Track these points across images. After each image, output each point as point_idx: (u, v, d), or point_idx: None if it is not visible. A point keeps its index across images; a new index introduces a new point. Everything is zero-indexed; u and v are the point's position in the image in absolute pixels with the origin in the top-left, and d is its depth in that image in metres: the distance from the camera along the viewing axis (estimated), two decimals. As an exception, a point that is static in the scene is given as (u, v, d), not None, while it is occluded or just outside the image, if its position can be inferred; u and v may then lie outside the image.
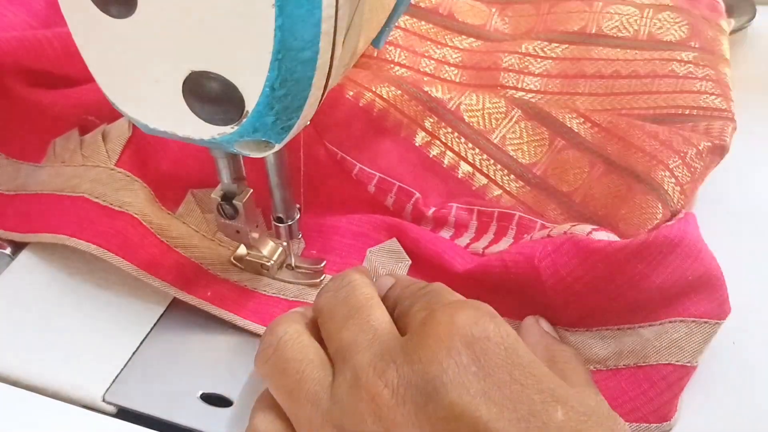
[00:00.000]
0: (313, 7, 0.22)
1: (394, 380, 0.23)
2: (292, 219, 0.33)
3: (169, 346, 0.34)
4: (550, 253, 0.31)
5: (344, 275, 0.29)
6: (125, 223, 0.35)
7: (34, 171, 0.40)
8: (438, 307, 0.25)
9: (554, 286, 0.31)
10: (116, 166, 0.37)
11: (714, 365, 0.31)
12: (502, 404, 0.22)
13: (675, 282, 0.30)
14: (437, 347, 0.23)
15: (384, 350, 0.24)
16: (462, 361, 0.23)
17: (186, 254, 0.35)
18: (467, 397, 0.22)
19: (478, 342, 0.23)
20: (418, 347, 0.24)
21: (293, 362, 0.26)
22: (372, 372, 0.24)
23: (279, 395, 0.26)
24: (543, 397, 0.23)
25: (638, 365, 0.30)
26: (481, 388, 0.22)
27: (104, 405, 0.31)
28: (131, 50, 0.24)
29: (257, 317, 0.34)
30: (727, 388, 0.31)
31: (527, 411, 0.22)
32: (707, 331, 0.30)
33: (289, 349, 0.26)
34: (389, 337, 0.25)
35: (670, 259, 0.30)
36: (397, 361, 0.24)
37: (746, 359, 0.32)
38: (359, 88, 0.38)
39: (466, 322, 0.24)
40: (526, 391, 0.23)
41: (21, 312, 0.35)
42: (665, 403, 0.29)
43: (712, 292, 0.30)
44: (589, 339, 0.31)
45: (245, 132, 0.24)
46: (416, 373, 0.23)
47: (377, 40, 0.31)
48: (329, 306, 0.28)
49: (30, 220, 0.37)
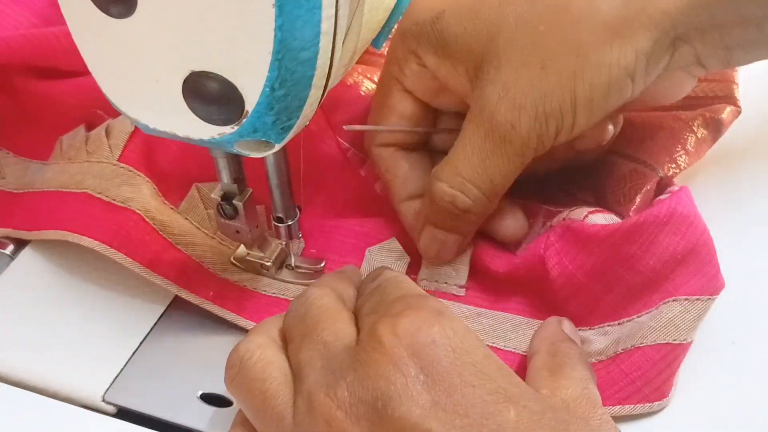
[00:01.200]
0: (313, 7, 0.22)
1: (346, 399, 0.23)
2: (292, 219, 0.33)
3: (169, 346, 0.34)
4: (554, 242, 0.32)
5: (303, 293, 0.28)
6: (128, 219, 0.35)
7: (41, 168, 0.40)
8: (382, 312, 0.25)
9: (558, 278, 0.31)
10: (119, 161, 0.37)
11: (707, 344, 0.31)
12: (454, 411, 0.22)
13: (667, 260, 0.30)
14: (383, 361, 0.23)
15: (335, 367, 0.24)
16: (409, 372, 0.22)
17: (188, 252, 0.35)
18: (417, 409, 0.22)
19: (423, 349, 0.23)
20: (365, 362, 0.23)
21: (256, 382, 0.26)
22: (324, 394, 0.23)
23: (248, 414, 0.26)
24: (495, 398, 0.22)
25: (636, 347, 0.30)
26: (431, 398, 0.22)
27: (104, 405, 0.31)
28: (131, 50, 0.24)
29: (258, 317, 0.34)
30: (720, 367, 0.31)
31: (480, 414, 0.22)
32: (701, 308, 0.30)
33: (251, 368, 0.26)
34: (340, 351, 0.25)
35: (660, 237, 0.30)
36: (347, 377, 0.23)
37: (741, 344, 0.32)
38: (375, 86, 0.39)
39: (409, 328, 0.23)
40: (478, 392, 0.22)
41: (21, 312, 0.35)
42: (664, 381, 0.29)
43: (702, 266, 0.30)
44: (592, 336, 0.31)
45: (245, 132, 0.24)
46: (365, 389, 0.23)
47: (377, 40, 0.31)
48: (290, 326, 0.27)
49: (36, 217, 0.37)
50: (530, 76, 0.29)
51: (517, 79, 0.29)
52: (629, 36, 0.28)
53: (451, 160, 0.31)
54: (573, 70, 0.28)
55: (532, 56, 0.29)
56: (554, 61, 0.28)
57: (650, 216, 0.30)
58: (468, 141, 0.30)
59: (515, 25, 0.29)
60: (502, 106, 0.29)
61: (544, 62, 0.29)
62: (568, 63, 0.28)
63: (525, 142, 0.30)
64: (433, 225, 0.33)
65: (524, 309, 0.34)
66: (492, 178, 0.31)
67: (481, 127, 0.30)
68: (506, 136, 0.29)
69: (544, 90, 0.29)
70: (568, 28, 0.28)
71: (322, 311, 0.27)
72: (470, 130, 0.30)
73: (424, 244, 0.34)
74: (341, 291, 0.29)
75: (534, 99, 0.29)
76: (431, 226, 0.33)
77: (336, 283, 0.30)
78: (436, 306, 0.25)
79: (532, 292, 0.34)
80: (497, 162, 0.30)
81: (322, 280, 0.30)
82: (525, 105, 0.29)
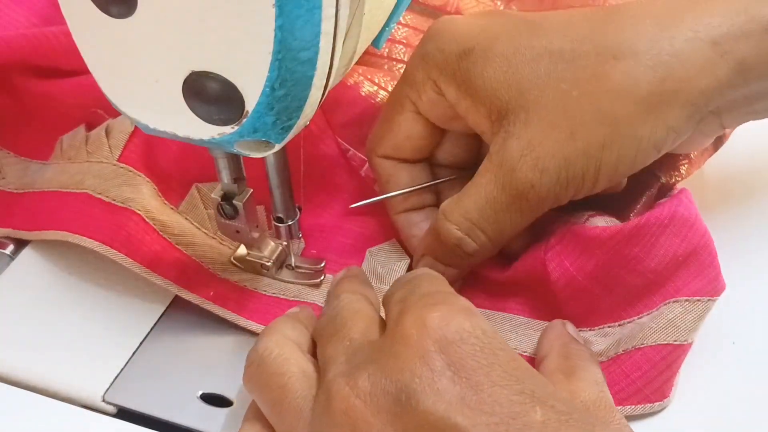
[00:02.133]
0: (313, 7, 0.22)
1: (367, 388, 0.23)
2: (292, 219, 0.33)
3: (169, 346, 0.34)
4: (554, 244, 0.32)
5: (336, 297, 0.29)
6: (128, 219, 0.34)
7: (42, 169, 0.40)
8: (410, 304, 0.25)
9: (559, 280, 0.31)
10: (119, 161, 0.36)
11: (707, 345, 0.31)
12: (480, 408, 0.22)
13: (668, 262, 0.30)
14: (409, 353, 0.23)
15: (358, 359, 0.24)
16: (436, 367, 0.22)
17: (188, 252, 0.35)
18: (442, 404, 0.22)
19: (452, 344, 0.23)
20: (389, 353, 0.23)
21: (275, 376, 0.26)
22: (343, 383, 0.23)
23: (265, 409, 0.27)
24: (522, 399, 0.22)
25: (636, 347, 0.30)
26: (457, 393, 0.22)
27: (104, 405, 0.31)
28: (131, 50, 0.24)
29: (258, 317, 0.34)
30: (720, 367, 0.31)
31: (506, 413, 0.22)
32: (701, 309, 0.30)
33: (270, 363, 0.26)
34: (364, 345, 0.25)
35: (662, 239, 0.30)
36: (369, 368, 0.23)
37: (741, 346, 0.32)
38: (376, 87, 0.39)
39: (438, 322, 0.23)
40: (505, 392, 0.22)
41: (21, 312, 0.35)
42: (665, 381, 0.29)
43: (703, 268, 0.30)
44: (592, 337, 0.31)
45: (245, 132, 0.24)
46: (389, 380, 0.23)
47: (377, 40, 0.31)
48: (320, 328, 0.28)
49: (36, 218, 0.37)
50: (557, 140, 0.29)
51: (543, 140, 0.29)
52: (664, 112, 0.28)
53: (462, 203, 0.31)
54: (602, 140, 0.28)
55: (562, 120, 0.28)
56: (584, 129, 0.28)
57: (651, 218, 0.30)
58: (483, 189, 0.30)
59: (548, 84, 0.29)
60: (524, 165, 0.29)
61: (573, 128, 0.28)
62: (598, 133, 0.28)
63: (541, 201, 0.30)
64: (433, 257, 0.33)
65: (523, 309, 0.34)
66: (503, 228, 0.31)
67: (498, 179, 0.30)
68: (524, 193, 0.29)
69: (570, 156, 0.29)
70: (602, 97, 0.28)
71: (353, 313, 0.27)
72: (487, 179, 0.30)
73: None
74: (368, 295, 0.29)
75: (558, 163, 0.29)
76: (431, 257, 0.33)
77: (361, 287, 0.30)
78: (466, 304, 0.25)
79: (532, 293, 0.34)
80: (510, 215, 0.30)
81: (349, 286, 0.31)
82: (548, 168, 0.29)
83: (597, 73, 0.28)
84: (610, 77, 0.28)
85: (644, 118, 0.28)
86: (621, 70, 0.28)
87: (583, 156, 0.29)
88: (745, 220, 0.37)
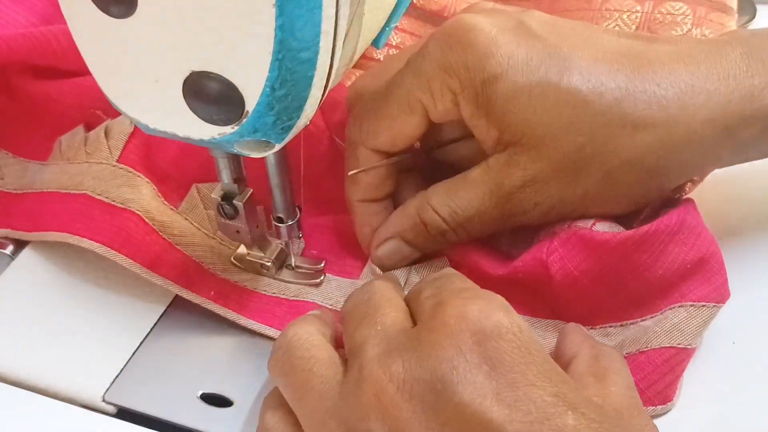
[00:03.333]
0: (314, 7, 0.22)
1: (401, 374, 0.23)
2: (292, 219, 0.33)
3: (169, 346, 0.34)
4: (557, 248, 0.31)
5: (368, 283, 0.29)
6: (128, 220, 0.34)
7: (41, 169, 0.40)
8: (447, 297, 0.24)
9: (562, 282, 0.31)
10: (118, 162, 0.36)
11: (707, 345, 0.31)
12: (515, 406, 0.22)
13: (676, 269, 0.30)
14: (447, 343, 0.23)
15: (391, 345, 0.24)
16: (473, 359, 0.22)
17: (188, 252, 0.35)
18: (478, 398, 0.22)
19: (490, 338, 0.23)
20: (426, 342, 0.23)
21: (301, 360, 0.26)
22: (377, 366, 0.23)
23: (288, 393, 0.26)
24: (555, 401, 0.22)
25: (641, 351, 0.30)
26: (493, 388, 0.22)
27: (104, 405, 0.31)
28: (131, 50, 0.24)
29: (259, 317, 0.34)
30: (720, 368, 0.31)
31: (540, 414, 0.22)
32: (706, 314, 0.30)
33: (297, 348, 0.26)
34: (398, 332, 0.25)
35: (670, 247, 0.30)
36: (404, 355, 0.23)
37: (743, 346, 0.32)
38: None
39: (478, 315, 0.23)
40: (539, 393, 0.22)
41: (21, 312, 0.35)
42: (668, 385, 0.29)
43: (710, 276, 0.30)
44: (594, 337, 0.31)
45: (245, 132, 0.24)
46: (425, 368, 0.22)
47: (377, 41, 0.31)
48: (348, 311, 0.28)
49: (35, 218, 0.37)
50: (559, 183, 0.30)
51: (547, 180, 0.30)
52: (663, 182, 0.31)
53: (452, 201, 0.32)
54: (602, 196, 0.31)
55: (570, 168, 0.30)
56: (587, 183, 0.30)
57: (661, 225, 0.30)
58: (476, 198, 0.31)
59: (566, 135, 0.29)
60: (522, 195, 0.31)
61: (579, 178, 0.30)
62: (600, 189, 0.30)
63: (527, 222, 0.32)
64: (403, 240, 0.33)
65: (524, 309, 0.34)
66: (486, 230, 0.33)
67: (494, 196, 0.31)
68: (515, 215, 0.32)
69: (566, 198, 0.31)
70: (613, 163, 0.30)
71: (385, 299, 0.27)
72: (482, 192, 0.31)
73: (384, 254, 0.34)
74: (400, 290, 0.29)
75: (553, 202, 0.31)
76: (400, 240, 0.34)
77: (396, 281, 0.31)
78: (505, 302, 0.24)
79: (532, 293, 0.33)
80: (497, 224, 0.32)
81: (386, 275, 0.32)
82: (543, 203, 0.31)
83: (614, 138, 0.29)
84: (625, 147, 0.29)
85: (645, 185, 0.31)
86: (637, 142, 0.29)
87: (578, 201, 0.31)
88: (745, 222, 0.37)
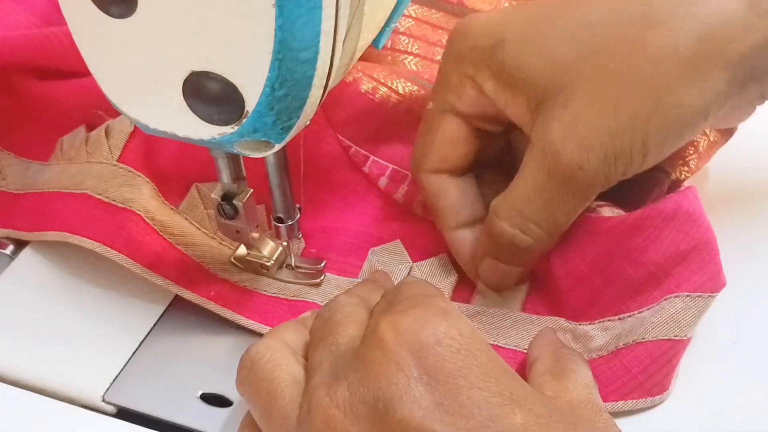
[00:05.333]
0: (314, 7, 0.22)
1: (346, 398, 0.22)
2: (292, 219, 0.33)
3: (169, 346, 0.34)
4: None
5: (333, 298, 0.28)
6: (128, 220, 0.34)
7: (42, 169, 0.40)
8: (387, 311, 0.24)
9: (560, 269, 0.32)
10: (119, 161, 0.36)
11: (707, 345, 0.32)
12: (458, 413, 0.21)
13: (670, 255, 0.30)
14: (384, 360, 0.22)
15: (339, 367, 0.24)
16: (412, 374, 0.22)
17: (188, 252, 0.35)
18: (419, 411, 0.21)
19: (427, 348, 0.22)
20: (366, 361, 0.23)
21: (264, 382, 0.26)
22: (324, 393, 0.23)
23: (255, 414, 0.26)
24: (501, 401, 0.22)
25: (637, 342, 0.30)
26: (434, 399, 0.22)
27: (104, 405, 0.31)
28: (131, 50, 0.24)
29: (259, 317, 0.34)
30: (720, 367, 0.31)
31: (485, 416, 0.21)
32: (702, 305, 0.30)
33: (260, 369, 0.26)
34: (348, 352, 0.24)
35: (666, 232, 0.30)
36: (349, 377, 0.23)
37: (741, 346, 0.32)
38: (375, 83, 0.39)
39: (413, 326, 0.23)
40: (483, 394, 0.22)
41: (21, 312, 0.35)
42: (665, 376, 0.30)
43: (704, 264, 0.30)
44: (592, 331, 0.32)
45: (245, 132, 0.24)
46: (367, 388, 0.22)
47: (377, 41, 0.31)
48: (314, 329, 0.27)
49: (36, 218, 0.37)
50: (600, 115, 0.28)
51: (586, 118, 0.28)
52: (706, 76, 0.27)
53: (511, 197, 0.30)
54: (647, 111, 0.28)
55: (603, 94, 0.28)
56: (627, 101, 0.28)
57: (655, 210, 0.30)
58: (530, 179, 0.29)
59: (586, 59, 0.28)
60: (568, 146, 0.28)
61: (616, 101, 0.28)
62: (641, 104, 0.28)
63: (591, 182, 0.29)
64: (492, 258, 0.32)
65: (524, 305, 0.34)
66: (555, 217, 0.30)
67: (544, 165, 0.29)
68: (572, 176, 0.28)
69: (615, 130, 0.28)
70: (643, 66, 0.27)
71: (345, 316, 0.27)
72: (532, 168, 0.29)
73: (484, 274, 0.33)
74: (372, 300, 0.28)
75: (603, 139, 0.28)
76: (491, 258, 0.32)
77: (367, 292, 0.29)
78: (443, 305, 0.24)
79: (532, 286, 0.34)
80: (561, 202, 0.29)
81: (354, 288, 0.30)
82: (593, 145, 0.28)
83: (636, 41, 0.28)
84: (649, 44, 0.27)
85: (687, 83, 0.27)
86: (660, 36, 0.27)
87: (628, 129, 0.28)
88: (748, 219, 0.37)
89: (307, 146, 0.34)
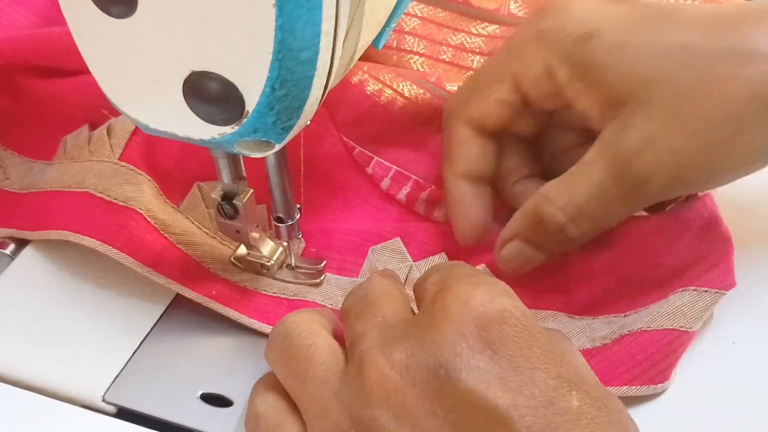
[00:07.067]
0: (314, 7, 0.22)
1: (403, 361, 0.23)
2: (292, 219, 0.33)
3: (169, 346, 0.34)
4: None
5: (366, 279, 0.29)
6: (129, 219, 0.34)
7: (45, 168, 0.40)
8: (451, 283, 0.24)
9: (573, 266, 0.32)
10: (120, 159, 0.36)
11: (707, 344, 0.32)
12: (519, 390, 0.22)
13: (687, 260, 0.30)
14: (450, 329, 0.23)
15: (393, 333, 0.24)
16: (476, 344, 0.22)
17: (188, 252, 0.35)
18: (483, 383, 0.22)
19: (493, 323, 0.23)
20: (429, 327, 0.23)
21: (302, 347, 0.26)
22: (379, 354, 0.23)
23: (286, 379, 0.26)
24: (559, 383, 0.22)
25: (642, 330, 0.30)
26: (497, 373, 0.22)
27: (104, 405, 0.31)
28: (131, 50, 0.24)
29: (261, 316, 0.34)
30: (720, 366, 0.31)
31: (545, 398, 0.22)
32: (709, 300, 0.30)
33: (296, 336, 0.26)
34: (399, 321, 0.25)
35: (686, 238, 0.30)
36: (406, 342, 0.23)
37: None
38: (381, 85, 0.39)
39: (481, 300, 0.23)
40: (543, 376, 0.22)
41: (21, 312, 0.35)
42: (668, 366, 0.30)
43: (717, 264, 0.31)
44: (595, 324, 0.32)
45: (245, 132, 0.24)
46: (427, 354, 0.22)
47: (377, 41, 0.31)
48: (348, 306, 0.28)
49: (38, 217, 0.37)
50: (679, 138, 0.28)
51: (665, 136, 0.28)
52: None
53: (570, 188, 0.30)
54: (723, 144, 0.28)
55: (687, 118, 0.28)
56: (708, 130, 0.28)
57: (680, 216, 0.30)
58: (595, 178, 0.30)
59: (678, 79, 0.28)
60: (642, 158, 0.28)
61: (698, 128, 0.28)
62: (720, 136, 0.28)
63: (654, 196, 0.30)
64: (524, 241, 0.32)
65: (527, 300, 0.34)
66: (609, 218, 0.31)
67: (612, 170, 0.29)
68: (638, 188, 0.29)
69: (689, 155, 0.28)
70: (732, 100, 0.27)
71: (384, 293, 0.27)
72: (599, 167, 0.29)
73: (508, 256, 0.33)
74: (399, 286, 0.29)
75: (677, 161, 0.28)
76: (522, 241, 0.32)
77: (395, 276, 0.30)
78: (507, 287, 0.24)
79: (536, 281, 0.34)
80: (620, 207, 0.30)
81: (385, 271, 0.31)
82: (666, 164, 0.28)
83: (730, 74, 0.27)
84: (742, 79, 0.27)
85: (762, 124, 0.27)
86: (755, 73, 0.27)
87: (701, 157, 0.28)
88: (748, 219, 0.37)
89: (307, 146, 0.34)
